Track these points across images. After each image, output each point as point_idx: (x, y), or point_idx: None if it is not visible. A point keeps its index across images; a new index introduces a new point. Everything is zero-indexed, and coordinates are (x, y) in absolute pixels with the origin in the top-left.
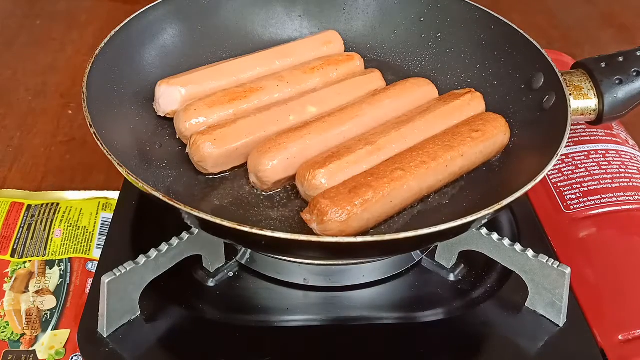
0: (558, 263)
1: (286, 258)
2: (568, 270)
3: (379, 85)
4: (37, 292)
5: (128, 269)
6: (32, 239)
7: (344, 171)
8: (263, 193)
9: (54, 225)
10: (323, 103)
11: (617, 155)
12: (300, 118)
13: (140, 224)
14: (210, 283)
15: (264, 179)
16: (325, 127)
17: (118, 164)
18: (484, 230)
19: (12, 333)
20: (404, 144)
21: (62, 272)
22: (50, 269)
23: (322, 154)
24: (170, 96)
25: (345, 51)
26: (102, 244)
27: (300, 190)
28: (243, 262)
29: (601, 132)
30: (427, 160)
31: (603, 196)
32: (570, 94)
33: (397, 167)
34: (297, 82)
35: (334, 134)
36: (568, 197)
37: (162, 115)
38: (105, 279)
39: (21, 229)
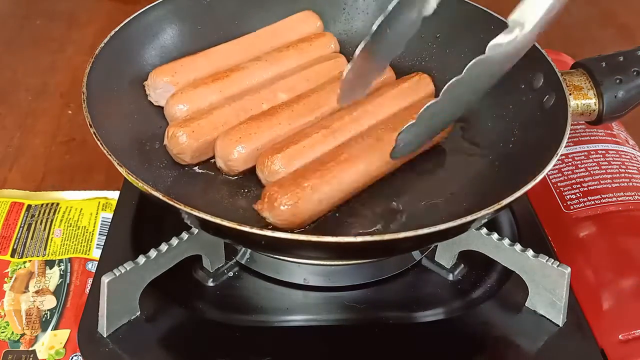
0: (558, 263)
1: (286, 258)
2: (568, 270)
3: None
4: (37, 292)
5: (128, 269)
6: (32, 239)
7: (302, 155)
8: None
9: (54, 225)
10: (293, 89)
11: (617, 155)
12: (272, 105)
13: (140, 224)
14: (210, 283)
15: (232, 167)
16: (293, 115)
17: (118, 164)
18: (484, 230)
19: (12, 333)
20: (358, 126)
21: (62, 272)
22: (50, 269)
23: (280, 142)
24: (165, 91)
25: (345, 51)
26: (102, 244)
27: (262, 178)
28: (243, 262)
29: (601, 132)
30: (372, 143)
31: (603, 196)
32: (570, 94)
33: (344, 151)
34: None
35: (300, 124)
36: (568, 197)
37: (155, 104)
38: (105, 279)
39: (21, 229)
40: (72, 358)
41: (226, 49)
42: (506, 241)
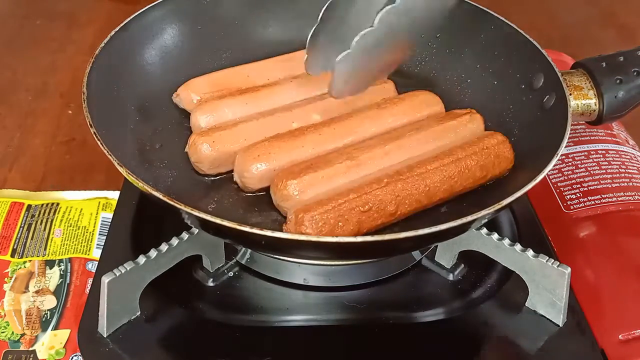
0: (558, 263)
1: (286, 258)
2: (568, 270)
3: (389, 96)
4: (37, 292)
5: (128, 269)
6: (32, 239)
7: (318, 184)
8: (263, 194)
9: (54, 225)
10: (328, 112)
11: (617, 155)
12: (303, 125)
13: (140, 224)
14: (210, 283)
15: (247, 184)
16: (320, 140)
17: (118, 164)
18: (484, 230)
19: (12, 333)
20: (387, 161)
21: (62, 272)
22: (50, 269)
23: (299, 164)
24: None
25: None
26: (102, 244)
27: (273, 199)
28: (243, 262)
29: (601, 132)
30: (424, 201)
31: (603, 196)
32: (570, 94)
33: (396, 208)
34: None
35: (325, 150)
36: (568, 197)
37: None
38: (105, 279)
39: (21, 229)
40: (72, 358)
41: (263, 66)
42: (506, 241)
